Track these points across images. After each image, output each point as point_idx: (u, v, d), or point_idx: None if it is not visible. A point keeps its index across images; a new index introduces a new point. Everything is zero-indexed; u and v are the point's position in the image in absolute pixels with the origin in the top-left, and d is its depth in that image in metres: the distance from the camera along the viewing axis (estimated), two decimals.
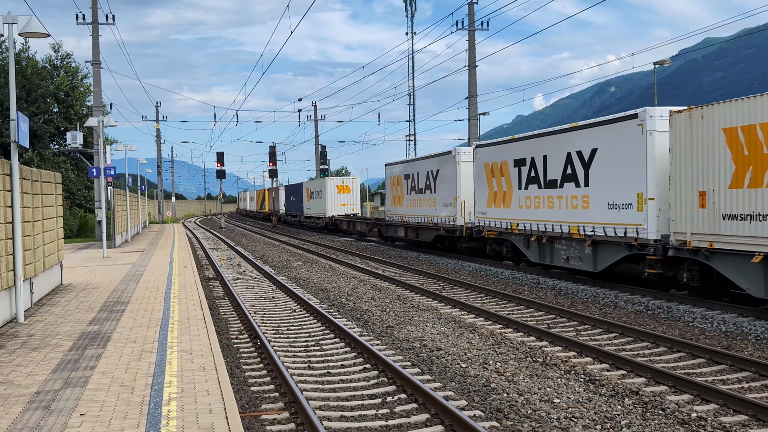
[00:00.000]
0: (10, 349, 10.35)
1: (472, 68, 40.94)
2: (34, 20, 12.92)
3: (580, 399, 8.89)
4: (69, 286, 18.11)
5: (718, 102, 14.35)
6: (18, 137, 12.75)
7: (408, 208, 33.85)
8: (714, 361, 10.77)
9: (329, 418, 8.30)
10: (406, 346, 12.21)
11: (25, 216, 13.89)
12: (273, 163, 76.13)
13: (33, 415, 7.05)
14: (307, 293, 19.15)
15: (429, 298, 17.79)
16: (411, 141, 58.76)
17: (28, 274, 14.14)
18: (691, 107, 15.04)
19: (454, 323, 14.29)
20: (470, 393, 9.25)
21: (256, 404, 8.88)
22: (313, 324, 14.54)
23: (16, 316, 12.89)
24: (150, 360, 9.43)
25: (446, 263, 26.65)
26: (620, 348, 11.89)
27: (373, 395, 9.24)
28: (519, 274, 22.16)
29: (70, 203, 47.68)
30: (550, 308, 15.40)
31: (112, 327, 12.02)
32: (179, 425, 6.65)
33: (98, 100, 39.96)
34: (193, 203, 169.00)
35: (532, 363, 10.84)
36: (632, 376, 10.05)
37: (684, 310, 14.95)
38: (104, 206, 31.20)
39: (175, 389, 7.92)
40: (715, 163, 14.27)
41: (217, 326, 13.80)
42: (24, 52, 48.87)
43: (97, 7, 38.86)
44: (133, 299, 15.35)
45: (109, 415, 7.03)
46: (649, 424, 7.92)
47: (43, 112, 48.27)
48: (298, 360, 11.34)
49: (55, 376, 8.65)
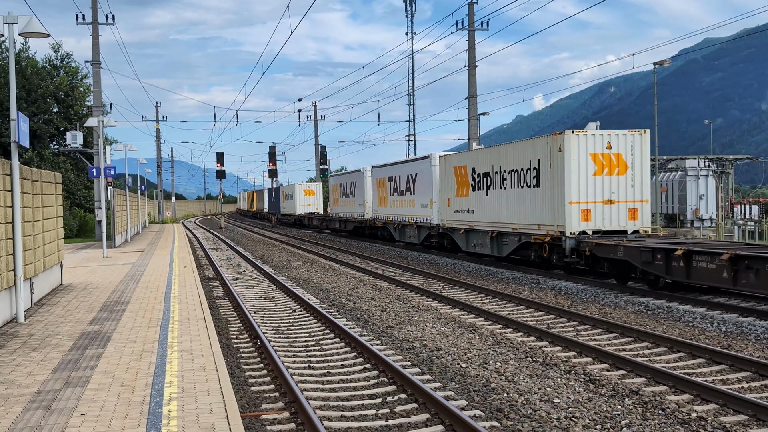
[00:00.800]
0: (10, 349, 10.35)
1: (472, 68, 40.96)
2: (35, 20, 12.93)
3: (580, 399, 8.90)
4: (69, 286, 18.12)
5: (453, 153, 30.49)
6: (18, 137, 12.76)
7: (342, 207, 48.87)
8: (714, 361, 10.78)
9: (329, 417, 8.31)
10: (406, 346, 12.22)
11: (25, 216, 13.90)
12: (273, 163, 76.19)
13: (34, 415, 7.06)
14: (307, 293, 19.16)
15: (429, 298, 17.80)
16: (411, 141, 58.78)
17: (29, 274, 14.15)
18: (444, 154, 30.28)
19: (454, 323, 14.30)
20: (470, 393, 9.26)
21: (257, 404, 8.88)
22: (313, 324, 14.54)
23: (17, 316, 12.89)
24: (150, 360, 9.43)
25: (446, 263, 26.67)
26: (620, 348, 11.90)
27: (373, 395, 9.25)
28: (519, 274, 22.19)
29: (70, 203, 47.70)
30: (550, 308, 15.40)
31: (112, 327, 12.03)
32: (180, 425, 6.66)
33: (98, 100, 39.97)
34: (192, 203, 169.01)
35: (532, 363, 10.84)
36: (632, 376, 10.06)
37: (684, 310, 14.97)
38: (104, 206, 31.21)
39: (175, 389, 7.93)
40: (450, 183, 28.75)
41: (217, 326, 13.81)
42: (24, 52, 48.89)
43: (97, 7, 38.88)
44: (134, 299, 15.35)
45: (109, 414, 7.04)
46: (649, 424, 7.92)
47: (43, 112, 48.25)
48: (299, 360, 11.34)
49: (55, 376, 8.65)
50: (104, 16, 39.65)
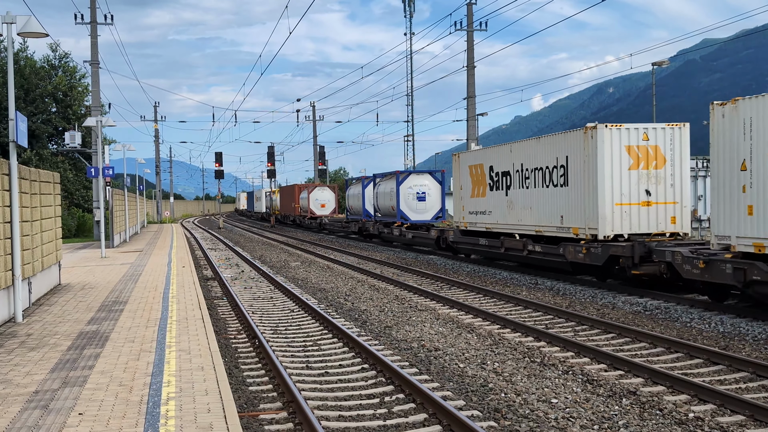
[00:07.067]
0: (8, 349, 10.35)
1: (471, 69, 40.97)
2: (33, 20, 12.93)
3: (578, 399, 8.91)
4: (67, 286, 18.11)
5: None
6: (17, 137, 12.75)
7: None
8: (711, 361, 10.79)
9: (327, 417, 8.32)
10: (404, 346, 12.22)
11: (23, 215, 13.89)
12: (271, 164, 76.13)
13: (32, 414, 7.06)
14: (305, 293, 19.16)
15: (427, 299, 17.80)
16: (409, 141, 58.78)
17: (27, 273, 14.14)
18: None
19: (452, 323, 14.30)
20: (468, 393, 9.27)
21: (255, 404, 8.89)
22: (311, 324, 14.55)
23: (15, 316, 12.88)
24: (148, 359, 9.44)
25: (444, 263, 26.67)
26: (618, 348, 11.91)
27: (371, 395, 9.25)
28: (517, 275, 22.19)
29: (68, 203, 47.62)
30: (548, 308, 15.41)
31: (110, 327, 12.03)
32: (178, 424, 6.66)
33: (96, 100, 39.94)
34: (191, 203, 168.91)
35: (529, 363, 10.85)
36: (630, 376, 10.07)
37: (682, 310, 14.98)
38: (102, 206, 31.20)
39: (173, 389, 7.93)
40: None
41: (215, 326, 13.81)
42: (22, 52, 48.82)
43: (96, 7, 38.84)
44: (132, 299, 15.35)
45: (107, 414, 7.04)
46: (646, 424, 7.93)
47: (41, 112, 48.18)
48: (297, 360, 11.35)
49: (53, 376, 8.65)
50: (103, 16, 39.64)
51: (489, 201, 24.55)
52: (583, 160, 18.64)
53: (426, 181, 35.78)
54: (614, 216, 18.00)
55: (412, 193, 35.45)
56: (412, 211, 35.40)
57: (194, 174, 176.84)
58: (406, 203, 35.41)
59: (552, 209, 20.33)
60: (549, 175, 20.41)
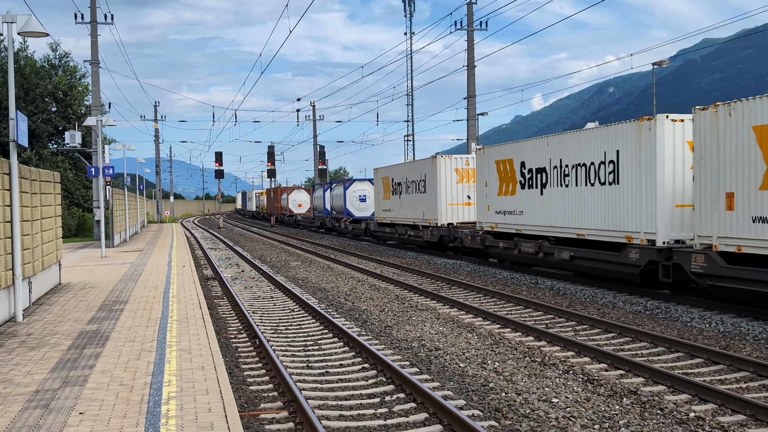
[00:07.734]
0: (8, 348, 10.35)
1: (471, 68, 40.96)
2: (33, 20, 12.92)
3: (579, 399, 8.91)
4: (67, 286, 18.11)
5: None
6: (17, 136, 12.75)
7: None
8: (712, 361, 10.79)
9: (328, 417, 8.31)
10: (405, 346, 12.22)
11: (23, 215, 13.89)
12: (271, 163, 76.20)
13: (32, 414, 7.06)
14: (305, 293, 19.16)
15: (427, 298, 17.80)
16: (409, 141, 58.78)
17: (27, 273, 14.14)
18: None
19: (452, 323, 14.30)
20: (468, 392, 9.27)
21: (255, 403, 8.89)
22: (311, 323, 14.55)
23: (15, 315, 12.89)
24: (149, 359, 9.44)
25: (444, 263, 26.67)
26: (618, 348, 11.91)
27: (371, 394, 9.25)
28: (517, 274, 22.18)
29: (68, 202, 47.61)
30: (548, 308, 15.41)
31: (110, 326, 12.02)
32: (178, 424, 6.66)
33: (97, 100, 39.93)
34: (191, 203, 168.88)
35: (530, 363, 10.85)
36: (630, 375, 10.07)
37: (682, 310, 14.98)
38: (103, 206, 31.20)
39: (174, 388, 7.93)
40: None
41: (215, 326, 13.81)
42: (22, 52, 48.81)
43: (96, 6, 38.83)
44: (132, 298, 15.35)
45: (108, 413, 7.04)
46: (647, 423, 7.93)
47: (41, 112, 48.17)
48: (297, 359, 11.35)
49: (54, 375, 8.65)
50: (103, 16, 39.63)
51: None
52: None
53: (366, 186, 45.55)
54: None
55: (356, 195, 45.81)
56: (356, 209, 45.77)
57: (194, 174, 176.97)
58: (351, 204, 45.80)
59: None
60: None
